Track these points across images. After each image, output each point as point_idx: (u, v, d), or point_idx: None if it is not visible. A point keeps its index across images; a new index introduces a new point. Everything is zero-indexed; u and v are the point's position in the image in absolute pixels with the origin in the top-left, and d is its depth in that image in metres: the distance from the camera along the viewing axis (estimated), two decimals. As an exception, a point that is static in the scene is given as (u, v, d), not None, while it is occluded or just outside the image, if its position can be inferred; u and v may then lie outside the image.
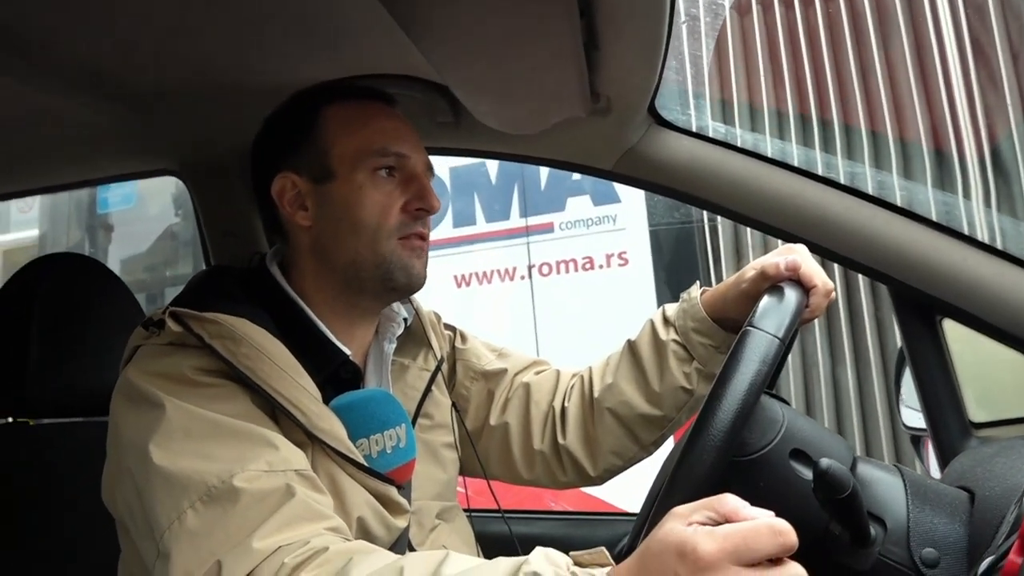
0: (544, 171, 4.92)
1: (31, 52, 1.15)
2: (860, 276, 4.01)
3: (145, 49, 1.20)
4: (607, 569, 0.66)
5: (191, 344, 0.93)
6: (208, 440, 0.86)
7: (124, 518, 0.91)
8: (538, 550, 0.70)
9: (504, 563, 0.69)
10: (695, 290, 1.22)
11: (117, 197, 6.76)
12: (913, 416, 1.63)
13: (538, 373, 1.35)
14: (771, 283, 1.03)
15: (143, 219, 6.77)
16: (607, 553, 0.69)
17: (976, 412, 1.28)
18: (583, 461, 1.27)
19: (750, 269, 1.11)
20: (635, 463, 1.28)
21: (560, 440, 1.27)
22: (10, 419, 1.28)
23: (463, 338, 1.37)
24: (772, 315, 0.87)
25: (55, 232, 6.94)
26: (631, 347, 1.26)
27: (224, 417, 0.88)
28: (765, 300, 0.93)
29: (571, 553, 0.70)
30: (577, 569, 0.67)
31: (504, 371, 1.33)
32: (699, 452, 0.79)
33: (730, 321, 1.16)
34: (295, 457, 0.89)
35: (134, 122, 1.41)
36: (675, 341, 1.20)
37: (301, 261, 1.11)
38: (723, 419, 0.78)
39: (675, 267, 4.62)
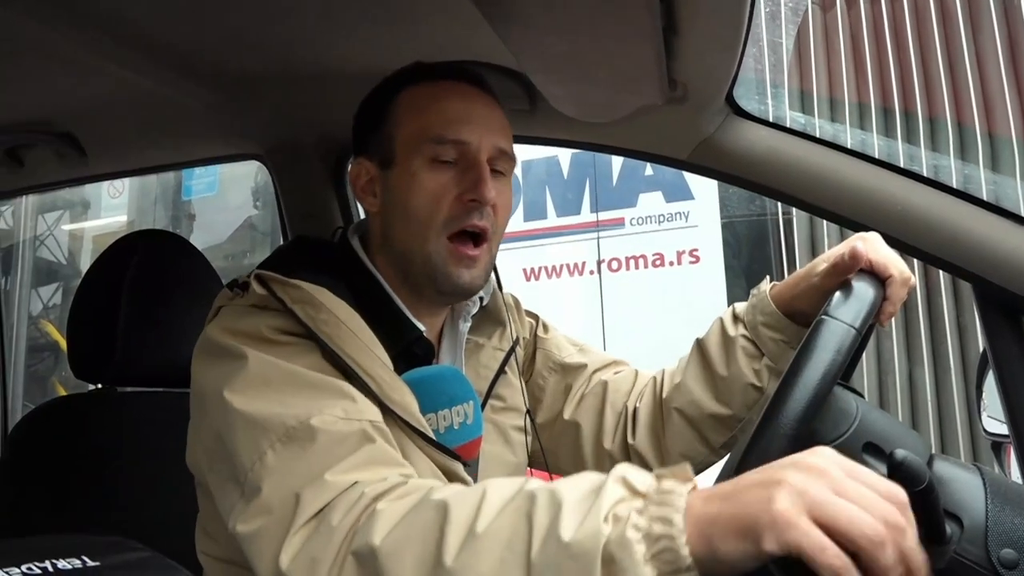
0: (616, 166, 4.90)
1: (132, 37, 1.22)
2: (941, 276, 3.88)
3: (238, 35, 1.25)
4: (688, 485, 0.66)
5: (272, 307, 0.95)
6: (286, 388, 0.88)
7: (205, 471, 0.94)
8: (621, 465, 0.70)
9: (590, 475, 0.70)
10: (765, 284, 1.19)
11: (201, 185, 7.00)
12: (994, 422, 1.57)
13: (616, 373, 1.32)
14: (843, 275, 1.00)
15: (224, 208, 7.00)
16: (689, 469, 0.68)
17: (1063, 418, 1.23)
18: (652, 464, 1.24)
19: (822, 262, 1.07)
20: (706, 467, 1.23)
21: (630, 440, 1.25)
22: (99, 385, 1.35)
23: (545, 328, 1.35)
24: (848, 304, 0.86)
25: (142, 219, 7.22)
26: (699, 346, 1.24)
27: (301, 369, 0.90)
28: (841, 290, 0.91)
29: (655, 470, 0.70)
30: (661, 481, 0.67)
31: (584, 366, 1.31)
32: (768, 441, 0.78)
33: (801, 315, 1.12)
34: (370, 410, 0.90)
35: (224, 106, 1.47)
36: (744, 336, 1.17)
37: (375, 243, 1.12)
38: (794, 408, 0.77)
39: (748, 263, 4.55)
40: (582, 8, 0.89)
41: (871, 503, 0.60)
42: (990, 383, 1.34)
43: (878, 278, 0.98)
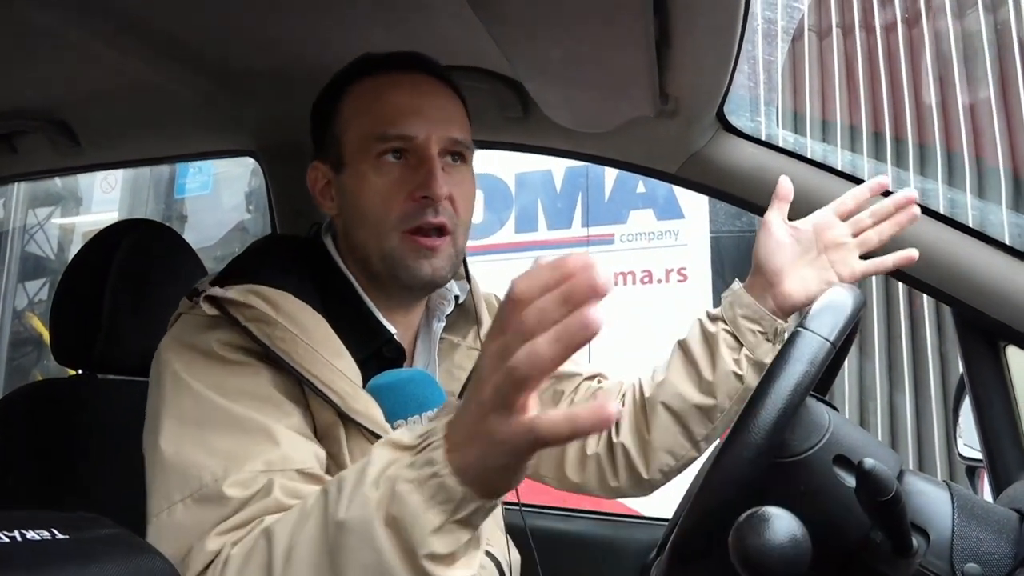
0: (608, 182, 4.92)
1: (132, 26, 1.23)
2: (925, 306, 3.92)
3: (238, 29, 1.26)
4: (446, 418, 0.67)
5: (229, 320, 0.93)
6: (214, 430, 0.87)
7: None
8: (397, 429, 0.74)
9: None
10: (736, 284, 1.22)
11: (195, 184, 6.99)
12: (969, 447, 1.58)
13: (601, 382, 1.34)
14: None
15: (216, 209, 6.98)
16: (454, 400, 0.71)
17: (1036, 444, 1.24)
18: (636, 460, 1.25)
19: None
20: (687, 464, 1.26)
21: (614, 438, 1.26)
22: (80, 371, 1.35)
23: None
24: (824, 317, 0.87)
25: (133, 216, 7.21)
26: (681, 345, 1.26)
27: (236, 406, 0.89)
28: (819, 302, 0.92)
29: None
30: (423, 426, 0.69)
31: (577, 374, 1.32)
32: (738, 449, 0.78)
33: (774, 307, 1.17)
34: (299, 455, 0.89)
35: (220, 100, 1.48)
36: (725, 331, 1.19)
37: (341, 245, 1.10)
38: (765, 418, 0.78)
39: (735, 281, 4.58)
40: (578, 16, 0.90)
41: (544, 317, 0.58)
42: (967, 408, 1.35)
43: (856, 292, 0.99)
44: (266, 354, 0.92)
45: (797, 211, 1.32)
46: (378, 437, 0.94)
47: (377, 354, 1.04)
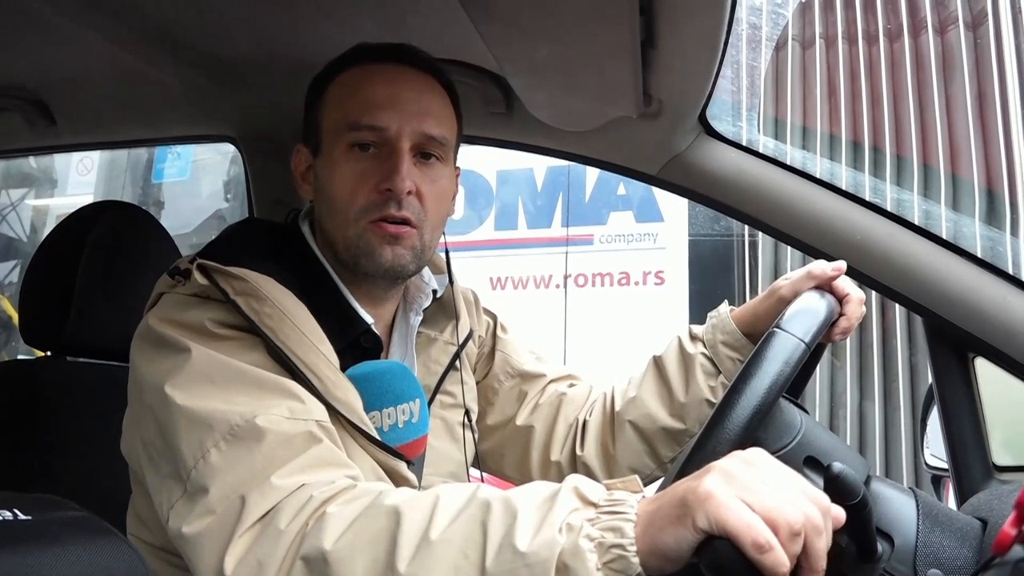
0: (589, 183, 4.94)
1: (114, 7, 1.21)
2: (897, 317, 3.97)
3: (222, 15, 1.25)
4: (638, 495, 0.69)
5: (215, 297, 0.92)
6: (230, 386, 0.85)
7: (142, 462, 0.91)
8: (572, 476, 0.73)
9: (543, 484, 0.73)
10: (724, 307, 1.22)
11: (173, 169, 6.93)
12: (936, 456, 1.61)
13: (571, 385, 1.33)
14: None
15: (194, 195, 6.93)
16: (639, 481, 0.71)
17: (1000, 455, 1.26)
18: (599, 476, 1.24)
19: (783, 281, 1.11)
20: (651, 482, 1.23)
21: (578, 452, 1.26)
22: (49, 353, 1.33)
23: (504, 328, 1.35)
24: (800, 319, 0.88)
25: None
26: (656, 362, 1.25)
27: (246, 366, 0.87)
28: (795, 304, 0.93)
29: (604, 481, 0.72)
30: (611, 492, 0.70)
31: (542, 375, 1.32)
32: (712, 445, 0.79)
33: (760, 336, 1.15)
34: (317, 409, 0.88)
35: (202, 86, 1.47)
36: (703, 355, 1.19)
37: (317, 230, 1.09)
38: (739, 416, 0.79)
39: (712, 284, 4.62)
40: (565, 15, 0.90)
41: (796, 498, 0.63)
42: (934, 418, 1.37)
43: (833, 296, 1.01)
44: (254, 332, 0.90)
45: (774, 215, 1.34)
46: (356, 427, 0.93)
47: (354, 344, 1.03)
